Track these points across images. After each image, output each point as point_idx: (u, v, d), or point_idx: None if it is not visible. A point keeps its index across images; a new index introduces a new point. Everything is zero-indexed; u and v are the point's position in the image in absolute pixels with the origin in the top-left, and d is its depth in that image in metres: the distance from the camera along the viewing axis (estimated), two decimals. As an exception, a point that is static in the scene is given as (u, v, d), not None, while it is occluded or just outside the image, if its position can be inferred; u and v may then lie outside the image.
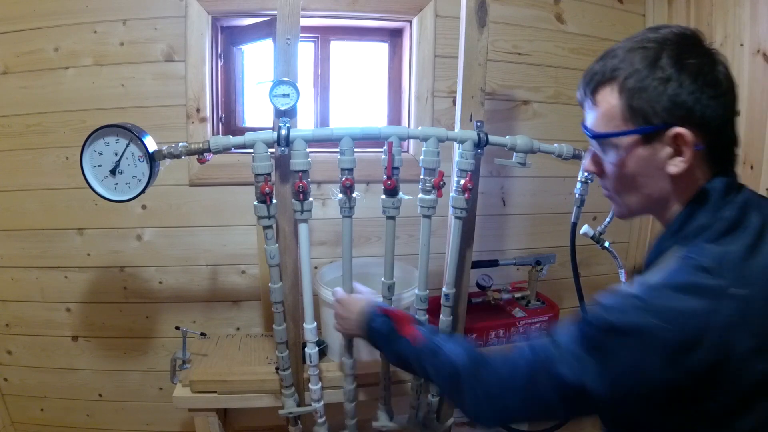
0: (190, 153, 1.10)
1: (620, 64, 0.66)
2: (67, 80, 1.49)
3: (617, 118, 0.67)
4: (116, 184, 1.09)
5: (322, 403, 1.31)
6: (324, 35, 1.69)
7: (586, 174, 1.32)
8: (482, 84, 1.21)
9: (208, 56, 1.52)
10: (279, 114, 1.12)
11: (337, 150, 1.13)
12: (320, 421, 1.33)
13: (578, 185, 1.35)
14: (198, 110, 1.52)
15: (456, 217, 1.20)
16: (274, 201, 1.13)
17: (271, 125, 1.14)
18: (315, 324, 1.25)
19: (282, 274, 1.21)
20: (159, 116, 1.52)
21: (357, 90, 1.80)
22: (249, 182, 1.13)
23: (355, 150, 1.13)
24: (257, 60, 1.72)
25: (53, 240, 1.59)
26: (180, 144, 1.09)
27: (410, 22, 1.63)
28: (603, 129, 0.69)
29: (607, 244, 1.45)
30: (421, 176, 1.16)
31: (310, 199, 1.15)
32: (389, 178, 1.12)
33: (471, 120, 1.22)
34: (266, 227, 1.14)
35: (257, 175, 1.09)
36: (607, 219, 1.44)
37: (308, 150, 1.11)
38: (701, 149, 0.64)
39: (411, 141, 1.68)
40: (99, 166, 1.08)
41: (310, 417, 1.34)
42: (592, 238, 1.44)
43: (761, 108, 1.42)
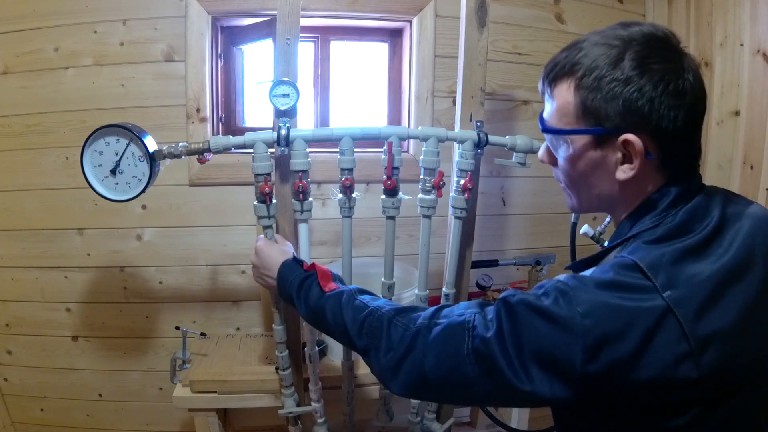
0: (190, 153, 1.10)
1: (582, 59, 0.63)
2: (67, 80, 1.49)
3: (570, 115, 0.65)
4: (116, 184, 1.09)
5: (322, 403, 1.31)
6: (324, 35, 1.69)
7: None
8: (482, 84, 1.21)
9: (208, 56, 1.52)
10: (279, 114, 1.12)
11: (337, 150, 1.13)
12: (320, 421, 1.33)
13: (578, 185, 1.35)
14: (198, 110, 1.52)
15: (456, 217, 1.20)
16: (274, 201, 1.13)
17: (271, 125, 1.14)
18: (315, 324, 1.25)
19: (282, 274, 1.21)
20: (159, 116, 1.52)
21: (357, 90, 1.80)
22: (249, 182, 1.13)
23: (355, 150, 1.13)
24: (257, 60, 1.72)
25: (53, 240, 1.59)
26: (180, 144, 1.09)
27: (410, 22, 1.63)
28: (555, 124, 0.67)
29: (607, 244, 1.44)
30: (421, 176, 1.16)
31: (310, 199, 1.15)
32: (389, 178, 1.12)
33: (471, 120, 1.22)
34: (266, 227, 1.14)
35: (257, 175, 1.09)
36: (607, 219, 1.44)
37: (308, 150, 1.11)
38: (652, 159, 0.62)
39: (411, 141, 1.68)
40: (99, 166, 1.08)
41: (310, 417, 1.34)
42: (592, 238, 1.44)
43: (761, 108, 1.42)
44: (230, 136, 1.10)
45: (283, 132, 1.09)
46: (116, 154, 1.07)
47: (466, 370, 0.64)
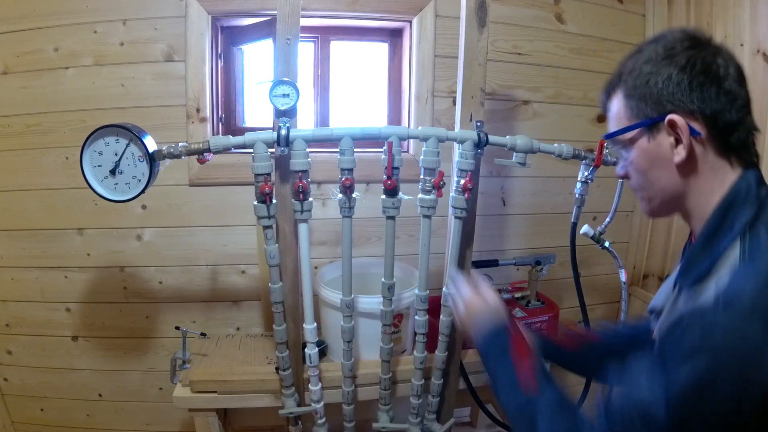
0: (190, 153, 1.10)
1: (623, 68, 0.71)
2: (67, 80, 1.49)
3: (623, 118, 0.71)
4: (116, 184, 1.09)
5: (322, 404, 1.31)
6: (324, 35, 1.69)
7: (586, 174, 1.32)
8: (482, 84, 1.21)
9: (208, 56, 1.52)
10: (279, 114, 1.12)
11: (337, 150, 1.13)
12: (320, 422, 1.33)
13: (578, 185, 1.35)
14: (198, 110, 1.52)
15: (456, 217, 1.20)
16: (274, 201, 1.13)
17: (271, 125, 1.14)
18: (315, 324, 1.25)
19: (282, 274, 1.21)
20: (159, 116, 1.52)
21: (357, 90, 1.80)
22: (249, 182, 1.13)
23: (355, 150, 1.13)
24: (257, 60, 1.72)
25: (53, 240, 1.59)
26: (180, 144, 1.09)
27: (410, 22, 1.63)
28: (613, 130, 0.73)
29: (607, 244, 1.45)
30: (421, 176, 1.16)
31: (310, 199, 1.15)
32: (389, 178, 1.12)
33: (471, 120, 1.22)
34: (266, 227, 1.14)
35: (257, 175, 1.09)
36: (607, 219, 1.45)
37: (308, 150, 1.11)
38: (700, 135, 0.65)
39: (411, 141, 1.68)
40: (99, 166, 1.08)
41: (310, 417, 1.34)
42: (592, 238, 1.44)
43: (761, 108, 1.42)
44: (230, 136, 1.10)
45: (283, 132, 1.09)
46: (116, 155, 1.07)
47: None
